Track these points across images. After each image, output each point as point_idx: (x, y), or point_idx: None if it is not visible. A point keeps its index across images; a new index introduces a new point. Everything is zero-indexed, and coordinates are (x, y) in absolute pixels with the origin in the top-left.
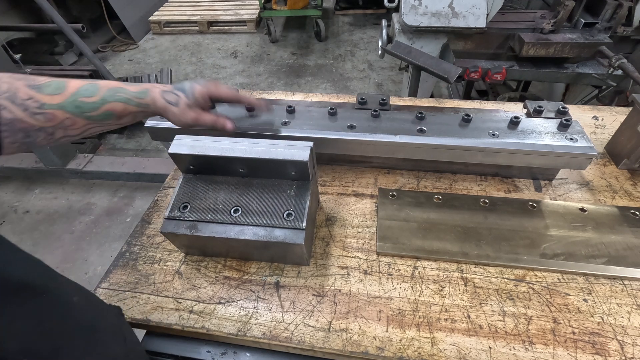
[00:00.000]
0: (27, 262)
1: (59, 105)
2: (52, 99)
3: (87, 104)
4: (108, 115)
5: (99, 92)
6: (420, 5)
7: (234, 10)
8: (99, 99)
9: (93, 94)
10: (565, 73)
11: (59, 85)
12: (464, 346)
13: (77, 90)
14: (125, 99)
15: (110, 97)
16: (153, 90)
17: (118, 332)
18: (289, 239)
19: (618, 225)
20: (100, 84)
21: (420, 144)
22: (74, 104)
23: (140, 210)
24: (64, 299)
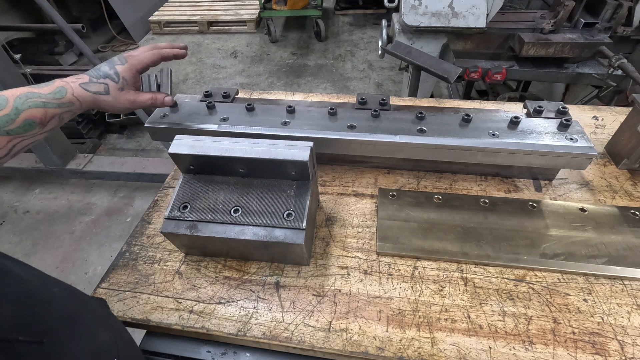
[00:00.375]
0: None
1: None
2: None
3: (1, 118)
4: (29, 124)
5: (8, 102)
6: (420, 5)
7: (234, 10)
8: (12, 110)
9: (2, 107)
10: (565, 73)
11: None
12: (464, 346)
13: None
14: (41, 103)
15: (23, 105)
16: (69, 85)
17: (104, 322)
18: (289, 239)
19: (618, 225)
20: (7, 94)
21: (420, 144)
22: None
23: (140, 210)
24: (45, 288)
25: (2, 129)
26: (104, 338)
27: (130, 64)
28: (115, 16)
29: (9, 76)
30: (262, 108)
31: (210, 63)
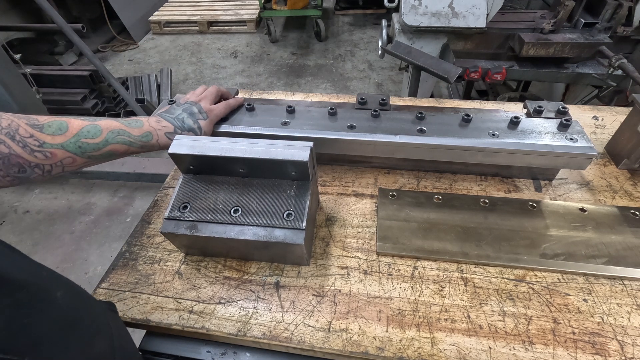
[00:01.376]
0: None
1: (60, 145)
2: (53, 139)
3: (90, 144)
4: (109, 155)
5: (101, 134)
6: (420, 5)
7: (234, 10)
8: (102, 141)
9: (95, 136)
10: (565, 73)
11: (60, 126)
12: (464, 346)
13: (79, 131)
14: (128, 142)
15: (113, 140)
16: (156, 133)
17: (104, 329)
18: (289, 239)
19: (618, 225)
20: (102, 126)
21: (420, 144)
22: (76, 145)
23: (140, 210)
24: (45, 295)
25: (87, 153)
26: (99, 348)
27: (211, 119)
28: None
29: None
30: (262, 108)
31: (210, 63)
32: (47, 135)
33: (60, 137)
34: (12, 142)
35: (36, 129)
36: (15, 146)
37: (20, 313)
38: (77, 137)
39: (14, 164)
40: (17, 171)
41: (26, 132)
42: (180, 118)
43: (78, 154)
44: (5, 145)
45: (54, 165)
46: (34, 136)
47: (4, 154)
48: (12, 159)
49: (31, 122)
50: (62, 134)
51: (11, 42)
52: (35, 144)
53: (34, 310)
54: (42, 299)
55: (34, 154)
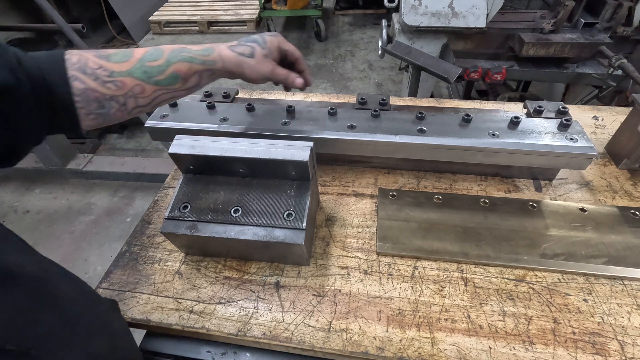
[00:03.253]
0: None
1: (127, 72)
2: (120, 67)
3: (154, 67)
4: (174, 77)
5: (163, 55)
6: (420, 5)
7: (234, 10)
8: (164, 61)
9: (158, 58)
10: (565, 73)
11: (125, 54)
12: (464, 346)
13: (142, 56)
14: (189, 57)
15: (174, 58)
16: (218, 47)
17: (106, 327)
18: (289, 239)
19: (618, 225)
20: (164, 48)
21: (420, 144)
22: (142, 70)
23: (140, 210)
24: (51, 290)
25: (153, 78)
26: (100, 347)
27: (279, 39)
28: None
29: None
30: (262, 108)
31: None
32: (114, 64)
33: (126, 63)
34: (85, 76)
35: (103, 59)
36: (87, 79)
37: (27, 307)
38: (141, 62)
39: (92, 100)
40: (96, 107)
41: (95, 63)
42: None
43: (145, 79)
44: (80, 81)
45: (126, 96)
46: (102, 67)
47: (80, 90)
48: (89, 94)
49: (98, 54)
50: (127, 60)
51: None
52: (105, 75)
53: (41, 305)
54: (49, 293)
55: (106, 85)
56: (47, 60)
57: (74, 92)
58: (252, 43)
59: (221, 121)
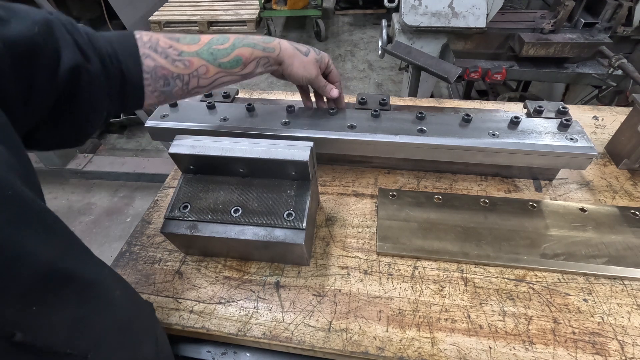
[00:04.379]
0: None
1: (195, 52)
2: (189, 47)
3: (220, 50)
4: (237, 60)
5: (229, 40)
6: (420, 5)
7: (234, 10)
8: (230, 45)
9: (225, 42)
10: (565, 73)
11: (193, 37)
12: (464, 346)
13: (210, 39)
14: (252, 43)
15: (239, 43)
16: (277, 40)
17: (151, 332)
18: (289, 239)
19: (618, 225)
20: (229, 35)
21: (420, 144)
22: (209, 51)
23: (140, 210)
24: (106, 294)
25: (217, 60)
26: (147, 351)
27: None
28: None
29: None
30: (262, 108)
31: None
32: (183, 45)
33: (195, 45)
34: (156, 54)
35: (173, 40)
36: (158, 57)
37: (85, 311)
38: (209, 45)
39: (160, 77)
40: (162, 84)
41: (165, 43)
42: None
43: (210, 61)
44: (151, 59)
45: (191, 75)
46: (172, 46)
47: (150, 68)
48: (158, 71)
49: (167, 35)
50: (196, 43)
51: None
52: (175, 54)
53: (97, 309)
54: (105, 298)
55: (175, 63)
56: (118, 38)
57: (145, 69)
58: (309, 47)
59: (221, 121)
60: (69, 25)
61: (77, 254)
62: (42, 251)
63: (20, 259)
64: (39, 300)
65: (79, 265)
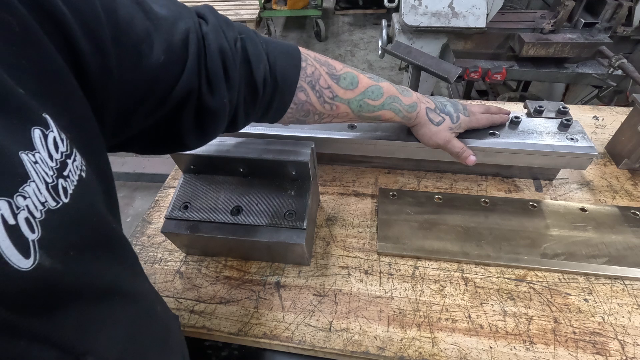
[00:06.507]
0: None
1: (347, 100)
2: (344, 94)
3: (369, 105)
4: (375, 118)
5: (382, 96)
6: (420, 5)
7: (234, 10)
8: (379, 105)
9: (377, 98)
10: (565, 73)
11: (352, 80)
12: (465, 346)
13: (366, 89)
14: (397, 109)
15: (388, 105)
16: (420, 106)
17: (180, 347)
18: (289, 238)
19: (618, 225)
20: (384, 88)
21: (420, 144)
22: (359, 103)
23: (140, 210)
24: (150, 308)
25: (362, 112)
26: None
27: (470, 120)
28: None
29: None
30: None
31: None
32: (340, 89)
33: (350, 92)
34: (311, 91)
35: (334, 80)
36: (312, 95)
37: (134, 328)
38: (362, 96)
39: (304, 110)
40: (301, 115)
41: (325, 82)
42: (442, 102)
43: (356, 111)
44: (305, 94)
45: (331, 115)
46: (330, 88)
47: (300, 101)
48: (305, 106)
49: (330, 71)
50: (352, 89)
51: None
52: (329, 96)
53: (143, 325)
54: (148, 313)
55: (324, 105)
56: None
57: (295, 101)
58: (446, 115)
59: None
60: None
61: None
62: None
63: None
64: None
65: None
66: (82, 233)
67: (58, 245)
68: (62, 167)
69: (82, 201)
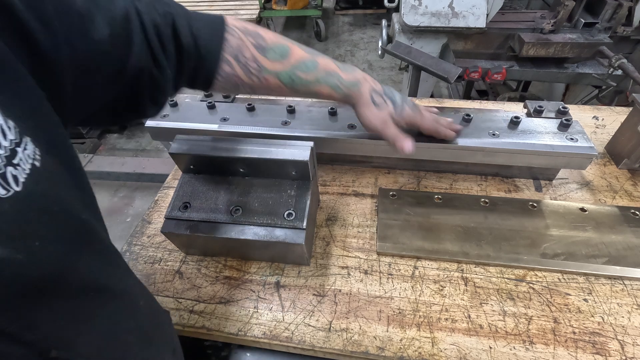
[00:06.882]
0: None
1: (276, 73)
2: (272, 65)
3: (302, 79)
4: (313, 94)
5: (316, 70)
6: (420, 5)
7: (234, 10)
8: (314, 79)
9: (310, 70)
10: (565, 73)
11: (282, 52)
12: (465, 346)
13: (298, 62)
14: (335, 85)
15: (323, 80)
16: (364, 84)
17: (170, 342)
18: (289, 238)
19: (618, 225)
20: (320, 63)
21: (420, 144)
22: (290, 77)
23: (140, 210)
24: (134, 304)
25: (295, 86)
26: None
27: (414, 116)
28: None
29: None
30: (262, 108)
31: None
32: (267, 60)
33: (279, 64)
34: (235, 63)
35: (260, 51)
36: (237, 67)
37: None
38: (293, 68)
39: (231, 82)
40: (230, 87)
41: (250, 54)
42: (392, 91)
43: (287, 84)
44: (229, 66)
45: (262, 87)
46: (256, 60)
47: (226, 73)
48: (232, 78)
49: (257, 43)
50: (281, 61)
51: None
52: (254, 68)
53: (125, 321)
54: (131, 308)
55: (251, 77)
56: (207, 32)
57: (220, 72)
58: (390, 102)
59: (221, 121)
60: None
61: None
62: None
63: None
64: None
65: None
66: (44, 223)
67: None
68: (11, 156)
69: (36, 190)
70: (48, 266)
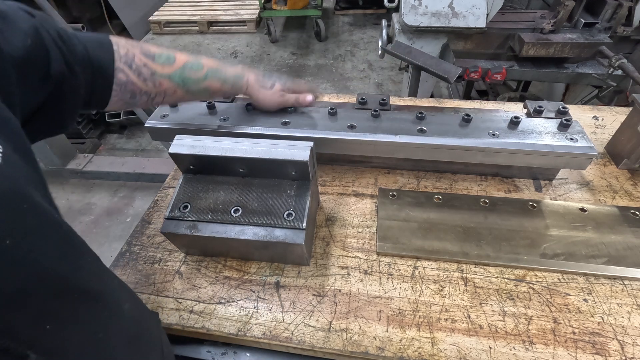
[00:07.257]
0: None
1: (168, 75)
2: (163, 69)
3: (192, 78)
4: (205, 90)
5: (203, 68)
6: (420, 5)
7: (234, 10)
8: (202, 76)
9: (198, 69)
10: (565, 73)
11: (169, 57)
12: (464, 346)
13: (185, 63)
14: (223, 77)
15: (211, 75)
16: (249, 74)
17: (157, 344)
18: (289, 239)
19: (618, 225)
20: (204, 62)
21: (420, 144)
22: (181, 77)
23: (140, 210)
24: (116, 307)
25: (188, 86)
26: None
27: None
28: (115, 16)
29: None
30: None
31: None
32: (157, 65)
33: (169, 67)
34: (129, 70)
35: (149, 58)
36: (131, 74)
37: (97, 327)
38: (182, 69)
39: (128, 91)
40: (129, 97)
41: (141, 60)
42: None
43: (181, 85)
44: (124, 74)
45: (158, 93)
46: (147, 65)
47: (122, 82)
48: (128, 86)
49: (144, 51)
50: (170, 64)
51: None
52: (147, 73)
53: (108, 324)
54: (114, 311)
55: (146, 82)
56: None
57: (115, 81)
58: (274, 80)
59: (221, 121)
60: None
61: (90, 267)
62: (58, 266)
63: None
64: (53, 319)
65: (93, 278)
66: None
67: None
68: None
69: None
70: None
